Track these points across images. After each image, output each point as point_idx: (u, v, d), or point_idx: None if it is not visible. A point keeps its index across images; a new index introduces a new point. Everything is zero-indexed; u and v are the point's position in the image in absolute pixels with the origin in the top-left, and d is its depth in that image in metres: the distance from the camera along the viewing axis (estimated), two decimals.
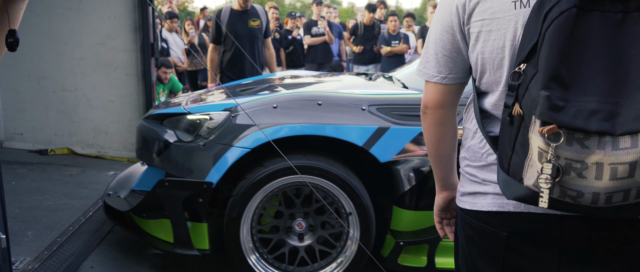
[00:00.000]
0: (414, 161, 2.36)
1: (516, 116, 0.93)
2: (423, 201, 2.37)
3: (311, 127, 2.34)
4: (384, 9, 7.89)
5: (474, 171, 1.13)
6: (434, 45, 1.15)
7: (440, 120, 1.20)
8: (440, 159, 1.26)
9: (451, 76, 1.15)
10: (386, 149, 2.35)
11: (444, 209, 1.33)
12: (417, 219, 2.39)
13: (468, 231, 1.15)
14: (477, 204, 1.11)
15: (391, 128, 2.36)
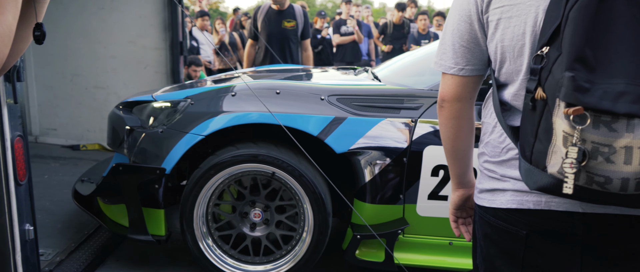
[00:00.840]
0: (372, 153, 2.30)
1: (539, 100, 0.90)
2: (382, 194, 2.31)
3: (264, 116, 2.31)
4: (414, 8, 7.80)
5: (492, 167, 1.10)
6: (451, 36, 1.12)
7: (457, 114, 1.17)
8: (457, 154, 1.23)
9: (468, 68, 1.12)
10: (342, 140, 2.30)
11: (460, 208, 1.30)
12: (376, 213, 2.34)
13: (486, 229, 1.12)
14: (495, 201, 1.08)
15: (348, 118, 2.31)
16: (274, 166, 2.29)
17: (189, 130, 2.32)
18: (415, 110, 2.33)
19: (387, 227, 2.34)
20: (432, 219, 2.32)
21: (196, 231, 2.37)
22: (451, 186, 1.29)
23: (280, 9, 4.52)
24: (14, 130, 1.79)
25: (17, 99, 1.79)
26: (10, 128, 1.77)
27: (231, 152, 2.31)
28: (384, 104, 2.35)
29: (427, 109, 2.32)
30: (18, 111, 1.82)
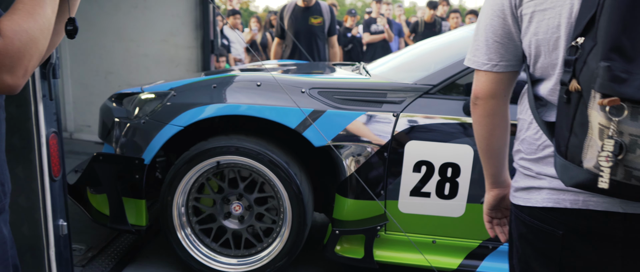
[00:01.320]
0: (352, 147, 2.26)
1: (574, 92, 0.87)
2: (360, 190, 2.27)
3: (241, 107, 2.29)
4: (446, 6, 7.69)
5: (528, 164, 1.07)
6: (484, 31, 1.10)
7: (491, 111, 1.13)
8: (491, 153, 1.20)
9: (502, 64, 1.09)
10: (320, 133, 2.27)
11: (495, 208, 1.27)
12: (357, 209, 2.30)
13: (522, 229, 1.08)
14: (531, 199, 1.05)
15: (327, 111, 2.28)
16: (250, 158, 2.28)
17: (169, 121, 2.34)
18: (397, 104, 2.29)
19: (367, 223, 2.30)
20: (415, 216, 2.28)
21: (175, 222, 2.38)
22: (486, 185, 1.26)
23: (307, 6, 4.51)
24: (49, 127, 1.82)
25: (52, 96, 1.81)
26: (46, 124, 1.80)
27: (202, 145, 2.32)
28: (366, 97, 2.32)
29: (410, 104, 2.28)
30: (53, 108, 1.84)
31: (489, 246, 2.29)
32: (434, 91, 2.31)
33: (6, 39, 0.93)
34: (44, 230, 1.83)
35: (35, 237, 1.83)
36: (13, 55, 0.94)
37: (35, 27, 0.99)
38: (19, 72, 0.96)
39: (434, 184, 2.22)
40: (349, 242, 2.35)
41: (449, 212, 2.26)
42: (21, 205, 1.81)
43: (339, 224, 2.33)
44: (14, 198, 1.80)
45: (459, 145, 2.21)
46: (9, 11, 0.99)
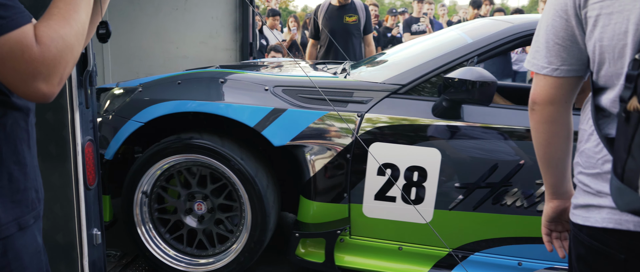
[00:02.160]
0: (314, 147, 2.16)
1: (633, 112, 0.79)
2: (326, 191, 2.19)
3: (203, 105, 2.21)
4: (489, 6, 7.47)
5: (587, 180, 0.98)
6: (545, 33, 1.02)
7: (550, 118, 1.05)
8: (550, 162, 1.11)
9: (564, 68, 1.00)
10: (281, 132, 2.18)
11: (554, 220, 1.17)
12: (321, 211, 2.22)
13: (580, 250, 1.00)
14: (590, 218, 0.96)
15: (288, 110, 2.20)
16: (207, 155, 2.23)
17: (131, 117, 2.31)
18: (363, 104, 2.20)
19: (330, 227, 2.21)
20: (380, 220, 2.19)
21: (135, 218, 2.37)
22: (545, 196, 1.17)
23: (342, 4, 4.43)
24: (85, 135, 1.80)
25: (89, 104, 1.79)
26: (82, 132, 1.78)
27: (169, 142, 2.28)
28: (331, 96, 2.22)
29: (376, 104, 2.18)
30: (90, 116, 1.83)
31: (459, 255, 2.20)
32: (403, 91, 2.23)
33: (43, 46, 0.89)
34: (78, 239, 1.81)
35: (70, 245, 1.82)
36: (49, 63, 0.91)
37: (71, 33, 0.95)
38: (54, 80, 0.93)
39: (400, 188, 2.14)
40: (310, 245, 2.29)
41: (415, 218, 2.17)
42: (56, 213, 1.80)
43: (304, 227, 2.27)
44: (50, 206, 1.80)
45: (426, 148, 2.12)
46: (44, 16, 0.95)
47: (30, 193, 1.06)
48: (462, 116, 2.14)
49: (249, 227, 2.26)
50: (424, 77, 2.24)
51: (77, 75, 1.72)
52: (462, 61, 2.25)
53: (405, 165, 2.12)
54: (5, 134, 0.99)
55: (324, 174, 2.18)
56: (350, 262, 2.26)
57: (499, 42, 2.27)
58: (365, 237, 2.25)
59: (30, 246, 1.07)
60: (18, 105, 1.02)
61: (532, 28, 2.29)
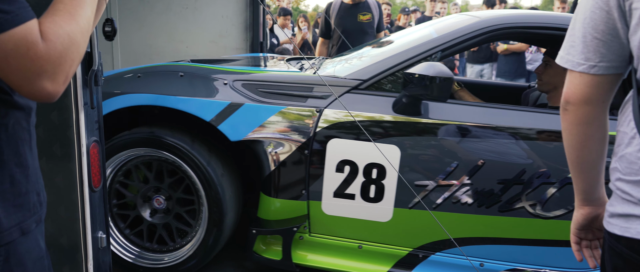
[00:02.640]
0: (272, 143, 2.14)
1: None
2: (284, 188, 2.17)
3: (154, 98, 2.17)
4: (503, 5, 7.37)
5: (627, 187, 0.92)
6: (582, 26, 0.94)
7: (584, 119, 0.99)
8: (583, 166, 1.04)
9: (603, 65, 0.93)
10: (237, 127, 2.15)
11: (585, 228, 1.10)
12: (281, 208, 2.21)
13: (617, 262, 0.94)
14: (630, 229, 0.90)
15: (245, 105, 2.16)
16: (163, 149, 2.21)
17: None
18: (323, 99, 2.15)
19: (288, 224, 2.17)
20: (340, 218, 2.15)
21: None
22: (575, 201, 1.10)
23: (356, 2, 4.37)
24: (90, 136, 1.76)
25: (94, 104, 1.76)
26: (87, 133, 1.74)
27: (124, 136, 2.26)
28: (291, 91, 2.19)
29: (336, 99, 2.14)
30: (95, 116, 1.79)
31: (419, 255, 2.17)
32: (364, 87, 2.19)
33: (49, 42, 0.85)
34: (83, 241, 1.78)
35: (74, 248, 1.78)
36: (55, 61, 0.86)
37: (77, 29, 0.91)
38: (60, 78, 0.89)
39: (359, 185, 2.10)
40: (268, 243, 2.29)
41: (375, 216, 2.13)
42: (61, 215, 1.77)
43: (265, 224, 2.24)
44: (55, 208, 1.76)
45: (385, 145, 2.07)
46: (49, 11, 0.91)
47: (31, 196, 1.03)
48: (422, 112, 2.11)
49: (206, 221, 2.23)
50: (385, 72, 2.22)
51: (82, 74, 1.68)
52: (424, 57, 2.22)
53: (364, 162, 2.10)
54: (7, 135, 0.96)
55: (281, 171, 2.16)
56: (309, 260, 2.24)
57: (463, 37, 2.24)
58: (325, 235, 2.23)
59: (33, 251, 1.03)
60: (20, 104, 0.98)
61: (498, 23, 2.26)
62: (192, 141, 2.25)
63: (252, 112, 2.17)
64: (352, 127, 2.12)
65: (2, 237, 0.94)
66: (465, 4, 36.13)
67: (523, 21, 2.30)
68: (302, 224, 2.20)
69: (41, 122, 1.71)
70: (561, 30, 2.24)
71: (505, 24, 2.26)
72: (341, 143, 2.10)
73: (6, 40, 0.82)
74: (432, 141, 2.10)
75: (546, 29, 2.29)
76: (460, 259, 2.18)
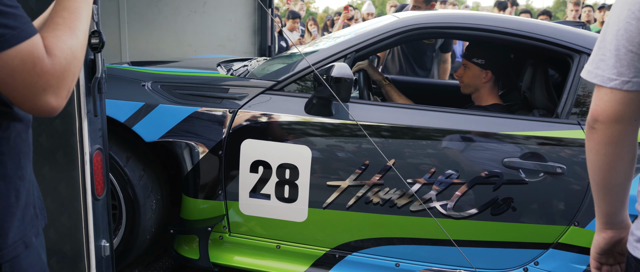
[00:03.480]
0: (187, 144, 2.15)
1: None
2: (202, 188, 2.18)
3: None
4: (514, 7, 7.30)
5: None
6: (615, 38, 0.88)
7: (614, 138, 0.92)
8: (608, 188, 0.98)
9: (637, 80, 0.87)
10: (152, 128, 2.16)
11: (606, 253, 1.05)
12: (199, 208, 2.21)
13: None
14: None
15: (159, 106, 2.17)
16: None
17: None
18: (237, 100, 2.17)
19: (205, 223, 2.18)
20: (257, 218, 2.17)
21: None
22: (596, 225, 1.04)
23: None
24: (94, 144, 1.75)
25: (97, 112, 1.74)
26: (90, 141, 1.73)
27: None
28: (206, 92, 2.20)
29: (251, 100, 2.16)
30: (98, 124, 1.77)
31: (336, 255, 2.20)
32: (278, 88, 2.20)
33: (53, 57, 0.85)
34: (86, 250, 1.76)
35: (78, 257, 1.77)
36: (59, 75, 0.86)
37: (77, 44, 0.92)
38: (63, 92, 0.89)
39: (273, 185, 2.12)
40: (187, 242, 2.30)
41: (291, 216, 2.15)
42: (64, 223, 1.76)
43: (187, 224, 2.25)
44: (58, 216, 1.75)
45: (297, 145, 2.09)
46: (50, 26, 0.90)
47: (29, 209, 1.02)
48: (334, 113, 2.13)
49: (124, 221, 2.24)
50: (297, 74, 2.23)
51: (86, 82, 1.67)
52: (336, 58, 2.23)
53: (277, 162, 2.12)
54: (9, 147, 0.95)
55: (198, 171, 2.17)
56: (228, 260, 2.25)
57: (378, 37, 2.25)
58: (245, 235, 2.25)
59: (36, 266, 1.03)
60: (20, 116, 0.98)
61: (413, 23, 2.27)
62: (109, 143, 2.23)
63: (166, 113, 2.18)
64: (266, 127, 2.14)
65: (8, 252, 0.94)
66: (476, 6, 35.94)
67: (438, 21, 2.31)
68: (217, 223, 2.22)
69: (44, 130, 1.70)
70: (476, 30, 2.26)
71: (420, 24, 2.27)
72: (254, 143, 2.13)
73: (13, 55, 0.81)
74: (342, 142, 2.12)
75: (461, 29, 2.30)
76: (376, 259, 2.20)
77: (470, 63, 2.49)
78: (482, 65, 2.46)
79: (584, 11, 6.76)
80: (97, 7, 1.62)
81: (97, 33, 1.32)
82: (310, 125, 2.13)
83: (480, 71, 2.46)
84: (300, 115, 2.13)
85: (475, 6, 33.70)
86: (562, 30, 2.26)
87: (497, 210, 2.08)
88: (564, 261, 2.09)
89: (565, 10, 7.85)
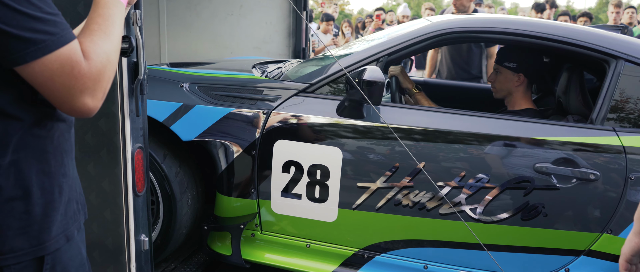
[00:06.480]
0: (222, 143, 2.21)
1: None
2: (235, 187, 2.23)
3: None
4: (553, 9, 7.15)
5: None
6: None
7: None
8: None
9: None
10: (189, 128, 2.23)
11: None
12: (232, 206, 2.27)
13: None
14: None
15: (196, 106, 2.25)
16: None
17: None
18: (271, 102, 2.25)
19: (238, 221, 2.22)
20: (288, 217, 2.24)
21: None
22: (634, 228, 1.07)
23: None
24: (135, 142, 1.83)
25: (139, 112, 1.82)
26: (132, 140, 1.81)
27: None
28: (241, 94, 2.26)
29: (284, 101, 2.20)
30: (140, 123, 1.85)
31: (365, 256, 2.23)
32: (311, 90, 2.24)
33: (90, 61, 0.91)
34: (126, 245, 1.84)
35: (118, 251, 1.85)
36: (96, 78, 0.92)
37: (112, 48, 0.98)
38: (99, 94, 0.95)
39: (304, 185, 2.15)
40: (220, 238, 2.35)
41: (321, 216, 2.18)
42: (106, 218, 1.84)
43: (220, 221, 2.31)
44: (101, 211, 1.84)
45: (328, 147, 2.12)
46: (86, 32, 0.97)
47: (72, 204, 1.08)
48: (365, 116, 2.15)
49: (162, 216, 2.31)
50: (330, 77, 2.27)
51: (129, 83, 1.75)
52: (369, 61, 2.26)
53: (309, 163, 2.15)
54: (53, 146, 1.01)
55: (232, 170, 2.22)
56: (259, 257, 2.30)
57: (410, 41, 2.27)
58: (276, 234, 2.30)
59: (76, 259, 1.08)
60: (63, 117, 1.04)
61: (445, 28, 2.27)
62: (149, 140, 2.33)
63: (203, 113, 2.24)
64: (298, 128, 2.18)
65: (50, 244, 1.00)
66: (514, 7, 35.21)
67: (471, 26, 2.31)
68: (249, 221, 2.27)
69: (90, 129, 1.79)
70: (509, 35, 2.25)
71: (453, 28, 2.27)
72: (286, 144, 2.17)
73: (53, 60, 0.87)
74: (373, 144, 2.14)
75: (494, 34, 2.29)
76: (405, 260, 2.21)
77: (501, 67, 2.48)
78: (513, 68, 2.45)
79: (627, 13, 6.55)
80: (140, 12, 1.70)
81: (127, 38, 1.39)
82: (341, 128, 2.16)
83: (513, 75, 2.45)
84: (332, 118, 2.17)
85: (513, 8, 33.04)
86: (598, 35, 2.23)
87: (528, 215, 2.07)
88: (596, 268, 2.07)
89: (607, 12, 7.63)
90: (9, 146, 0.93)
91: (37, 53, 0.86)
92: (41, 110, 0.97)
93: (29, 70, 0.87)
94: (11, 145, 0.93)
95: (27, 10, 0.84)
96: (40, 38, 0.86)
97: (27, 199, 0.96)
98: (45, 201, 0.99)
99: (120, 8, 1.04)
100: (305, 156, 2.16)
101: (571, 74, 2.50)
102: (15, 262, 0.95)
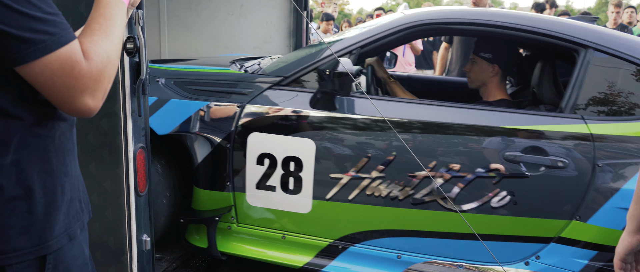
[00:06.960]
0: (197, 137, 2.23)
1: None
2: (210, 180, 2.25)
3: None
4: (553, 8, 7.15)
5: None
6: None
7: None
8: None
9: None
10: (163, 122, 2.25)
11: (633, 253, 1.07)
12: (208, 199, 2.29)
13: None
14: None
15: (170, 101, 2.27)
16: None
17: None
18: (245, 95, 2.27)
19: (213, 213, 2.24)
20: (263, 209, 2.27)
21: None
22: (628, 228, 1.06)
23: None
24: (137, 142, 1.83)
25: (141, 112, 1.82)
26: (134, 140, 1.81)
27: None
28: (216, 88, 2.28)
29: (258, 95, 2.22)
30: (142, 123, 1.85)
31: (339, 246, 2.24)
32: (285, 83, 2.26)
33: (90, 61, 0.91)
34: (128, 245, 1.84)
35: (120, 250, 1.85)
36: (96, 78, 0.92)
37: (113, 48, 0.97)
38: (99, 94, 0.94)
39: (278, 177, 2.18)
40: (197, 231, 2.37)
41: (296, 207, 2.20)
42: (108, 218, 1.84)
43: (196, 214, 2.32)
44: (102, 211, 1.84)
45: (301, 138, 2.14)
46: (86, 32, 0.96)
47: (75, 203, 1.08)
48: (337, 107, 2.17)
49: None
50: (304, 69, 2.29)
51: (131, 83, 1.75)
52: (342, 54, 2.28)
53: (283, 155, 2.17)
54: (54, 146, 1.01)
55: (207, 163, 2.24)
56: (235, 249, 2.31)
57: (383, 33, 2.28)
58: (252, 226, 2.31)
59: (79, 258, 1.08)
60: (64, 116, 1.04)
61: (418, 20, 2.28)
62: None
63: (177, 107, 2.26)
64: (271, 121, 2.20)
65: (53, 243, 1.00)
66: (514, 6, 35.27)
67: (444, 17, 2.31)
68: (225, 213, 2.28)
69: (92, 129, 1.79)
70: (480, 26, 2.25)
71: (425, 20, 2.28)
72: (260, 137, 2.19)
73: (53, 60, 0.87)
74: (345, 135, 2.15)
75: (465, 25, 2.29)
76: (378, 251, 2.22)
77: (477, 57, 2.51)
78: (489, 59, 2.47)
79: (626, 13, 6.57)
80: (142, 12, 1.70)
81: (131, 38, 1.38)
82: (313, 119, 2.18)
83: (488, 65, 2.48)
84: (305, 110, 2.19)
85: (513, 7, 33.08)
86: (567, 25, 2.24)
87: (498, 203, 2.07)
88: (566, 255, 2.07)
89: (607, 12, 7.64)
90: (10, 145, 0.93)
91: (37, 53, 0.86)
92: (42, 109, 0.97)
93: (29, 70, 0.87)
94: (12, 144, 0.93)
95: (27, 11, 0.84)
96: (40, 38, 0.85)
97: (29, 198, 0.96)
98: (47, 200, 0.99)
99: (121, 8, 1.03)
100: (279, 148, 2.18)
101: (544, 65, 2.51)
102: (17, 261, 0.95)
